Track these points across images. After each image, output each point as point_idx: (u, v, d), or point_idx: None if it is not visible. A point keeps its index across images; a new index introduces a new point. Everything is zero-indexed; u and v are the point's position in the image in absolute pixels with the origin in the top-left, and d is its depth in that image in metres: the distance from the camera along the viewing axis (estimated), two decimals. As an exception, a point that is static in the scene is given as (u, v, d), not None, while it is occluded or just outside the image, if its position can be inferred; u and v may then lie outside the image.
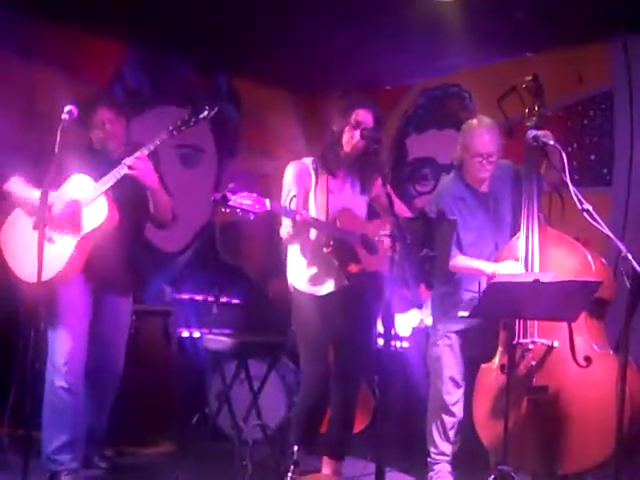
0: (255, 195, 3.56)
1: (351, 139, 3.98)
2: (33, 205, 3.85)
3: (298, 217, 3.73)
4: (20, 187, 3.99)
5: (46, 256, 3.67)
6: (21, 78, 5.58)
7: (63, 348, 3.90)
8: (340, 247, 3.91)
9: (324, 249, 3.89)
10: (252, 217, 3.54)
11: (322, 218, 3.94)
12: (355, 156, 4.03)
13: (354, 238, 3.93)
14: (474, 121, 4.37)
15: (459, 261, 4.21)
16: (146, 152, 3.94)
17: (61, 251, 3.88)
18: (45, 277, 3.68)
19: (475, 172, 4.30)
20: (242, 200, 3.51)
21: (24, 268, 3.81)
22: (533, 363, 3.88)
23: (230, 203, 3.50)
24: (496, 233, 4.30)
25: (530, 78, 4.30)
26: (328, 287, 4.00)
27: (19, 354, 4.16)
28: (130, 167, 3.90)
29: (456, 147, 4.39)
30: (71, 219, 3.90)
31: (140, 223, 4.25)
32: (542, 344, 3.88)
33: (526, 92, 4.31)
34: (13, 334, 4.53)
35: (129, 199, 4.02)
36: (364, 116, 3.99)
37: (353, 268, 3.94)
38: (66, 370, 3.88)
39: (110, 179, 3.91)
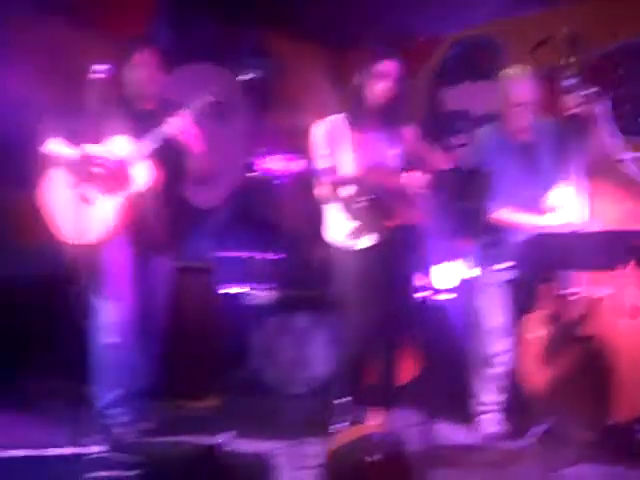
0: (284, 157, 3.60)
1: (373, 91, 3.97)
2: (74, 164, 3.86)
3: (327, 177, 3.74)
4: (59, 147, 3.98)
5: (88, 218, 3.79)
6: (47, 36, 5.55)
7: (109, 306, 3.95)
8: (373, 202, 3.92)
9: (358, 204, 3.89)
10: (284, 180, 3.58)
11: (354, 174, 3.94)
12: (380, 108, 4.02)
13: (387, 192, 3.92)
14: (511, 70, 4.34)
15: (501, 214, 4.21)
16: (189, 114, 3.92)
17: (104, 213, 3.89)
18: (88, 240, 3.78)
19: (514, 122, 4.28)
20: (271, 164, 3.55)
21: (66, 229, 3.84)
22: (579, 313, 3.89)
23: (262, 166, 3.54)
24: (537, 184, 4.26)
25: (566, 28, 4.25)
26: (365, 241, 4.02)
27: (64, 310, 4.23)
28: (174, 130, 3.89)
29: (496, 97, 4.37)
30: (116, 179, 3.91)
31: (179, 181, 4.25)
32: (589, 294, 3.88)
33: (562, 42, 4.27)
34: (57, 291, 4.59)
35: (169, 158, 4.02)
36: (388, 66, 3.99)
37: (387, 222, 3.95)
38: (113, 327, 3.94)
39: (153, 140, 3.90)
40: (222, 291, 5.48)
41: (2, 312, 4.72)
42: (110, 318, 3.95)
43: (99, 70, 3.59)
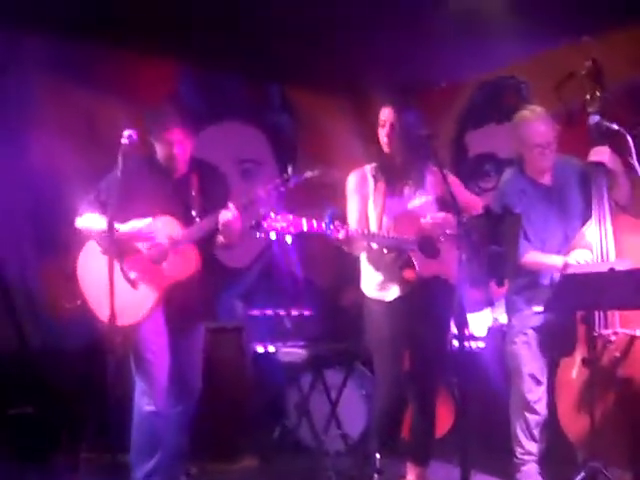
0: (291, 217, 3.62)
1: (381, 139, 3.99)
2: (118, 241, 3.79)
3: (341, 233, 3.72)
4: (96, 221, 3.94)
5: (127, 299, 3.74)
6: (80, 104, 5.67)
7: (149, 375, 3.95)
8: (401, 253, 3.91)
9: (384, 256, 3.90)
10: (290, 239, 3.62)
11: (378, 225, 3.94)
12: (396, 156, 4.01)
13: (409, 244, 3.89)
14: (526, 112, 4.30)
15: (530, 257, 4.15)
16: (237, 208, 3.90)
17: (144, 297, 3.90)
18: (125, 322, 3.74)
19: (536, 163, 4.24)
20: (276, 223, 3.56)
21: (102, 307, 3.73)
22: (617, 354, 3.79)
23: (265, 227, 3.54)
24: (564, 224, 4.21)
25: (589, 63, 4.22)
26: (394, 292, 3.98)
27: (98, 383, 4.25)
28: (224, 223, 3.88)
29: (512, 141, 4.34)
30: (160, 261, 3.93)
31: (212, 252, 4.26)
32: (625, 334, 3.79)
33: (585, 77, 4.23)
34: (94, 362, 4.62)
35: (204, 236, 4.03)
36: (385, 113, 4.00)
37: (407, 274, 3.91)
38: (153, 395, 3.94)
39: (201, 230, 3.91)
40: (255, 350, 5.47)
41: (38, 384, 4.76)
42: (148, 387, 3.95)
43: (130, 135, 3.62)
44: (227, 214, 3.88)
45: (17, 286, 5.38)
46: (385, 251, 3.90)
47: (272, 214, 3.60)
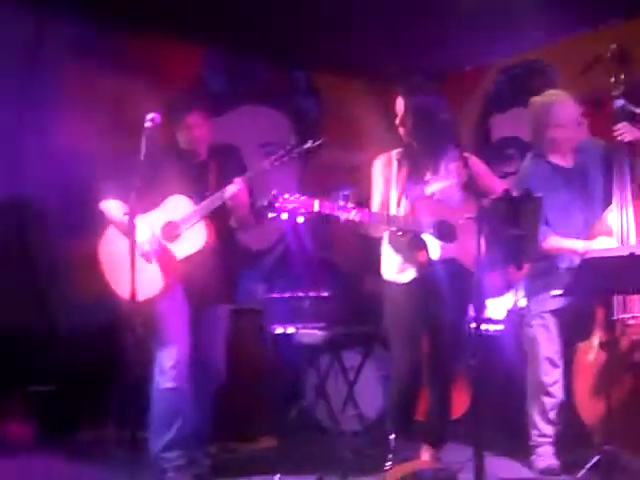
0: (303, 197, 3.66)
1: (399, 129, 4.02)
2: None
3: (352, 215, 3.73)
4: (115, 209, 4.06)
5: (145, 276, 3.85)
6: (106, 87, 5.73)
7: (169, 353, 4.02)
8: (418, 236, 3.91)
9: (402, 238, 3.93)
10: (302, 219, 3.65)
11: (397, 208, 3.97)
12: (416, 143, 4.02)
13: (423, 227, 3.90)
14: (546, 95, 4.30)
15: (550, 241, 4.15)
16: (244, 181, 4.00)
17: (162, 271, 4.00)
18: (143, 297, 3.84)
19: (555, 146, 4.23)
20: (288, 204, 3.61)
21: (122, 285, 3.89)
22: (635, 338, 3.77)
23: (277, 207, 3.57)
24: (584, 208, 4.21)
25: (614, 46, 4.19)
26: (410, 274, 4.00)
27: (120, 360, 4.31)
28: (230, 197, 3.98)
29: (531, 125, 4.33)
30: (173, 238, 4.02)
31: (231, 232, 4.32)
32: (643, 318, 3.78)
33: (610, 61, 4.20)
34: (114, 341, 4.69)
35: (222, 214, 4.11)
36: (398, 104, 4.04)
37: (421, 257, 3.92)
38: (172, 372, 4.01)
39: (209, 205, 4.00)
40: (274, 332, 5.51)
41: (61, 363, 4.85)
42: (167, 364, 4.01)
43: (153, 118, 3.67)
44: (232, 187, 3.97)
45: (45, 270, 5.47)
46: (400, 233, 3.91)
47: (286, 195, 3.63)
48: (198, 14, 5.47)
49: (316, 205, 3.66)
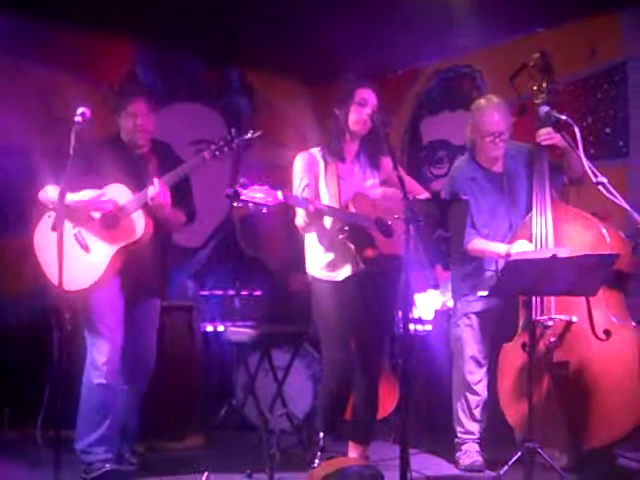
0: (267, 187, 3.56)
1: (359, 118, 3.97)
2: (72, 210, 3.88)
3: (311, 207, 3.74)
4: (52, 192, 3.95)
5: (81, 264, 3.84)
6: (36, 81, 5.63)
7: (102, 348, 3.97)
8: (355, 232, 3.88)
9: (339, 235, 3.89)
10: (265, 210, 3.57)
11: (335, 205, 3.93)
12: (362, 136, 4.03)
13: (369, 222, 3.90)
14: (482, 101, 4.37)
15: (475, 244, 4.23)
16: (161, 183, 3.95)
17: (97, 261, 3.93)
18: (80, 286, 3.83)
19: (487, 151, 4.31)
20: (254, 194, 3.53)
21: (55, 274, 3.68)
22: (552, 339, 3.89)
23: (242, 197, 3.51)
24: (511, 213, 4.29)
25: (537, 55, 4.29)
26: (345, 272, 3.97)
27: (50, 356, 4.25)
28: (150, 198, 3.92)
29: (466, 128, 4.41)
30: (111, 226, 3.96)
31: (168, 231, 4.29)
32: (560, 320, 3.89)
33: (533, 69, 4.30)
34: (45, 336, 4.62)
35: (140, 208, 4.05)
36: (368, 94, 3.99)
37: (369, 252, 3.90)
38: (105, 369, 3.95)
39: (142, 199, 3.95)
40: (204, 329, 5.49)
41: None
42: (100, 360, 3.96)
43: (83, 113, 3.62)
44: (151, 189, 3.92)
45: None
46: (346, 228, 3.88)
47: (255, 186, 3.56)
48: (130, 10, 5.40)
49: (279, 195, 3.63)
